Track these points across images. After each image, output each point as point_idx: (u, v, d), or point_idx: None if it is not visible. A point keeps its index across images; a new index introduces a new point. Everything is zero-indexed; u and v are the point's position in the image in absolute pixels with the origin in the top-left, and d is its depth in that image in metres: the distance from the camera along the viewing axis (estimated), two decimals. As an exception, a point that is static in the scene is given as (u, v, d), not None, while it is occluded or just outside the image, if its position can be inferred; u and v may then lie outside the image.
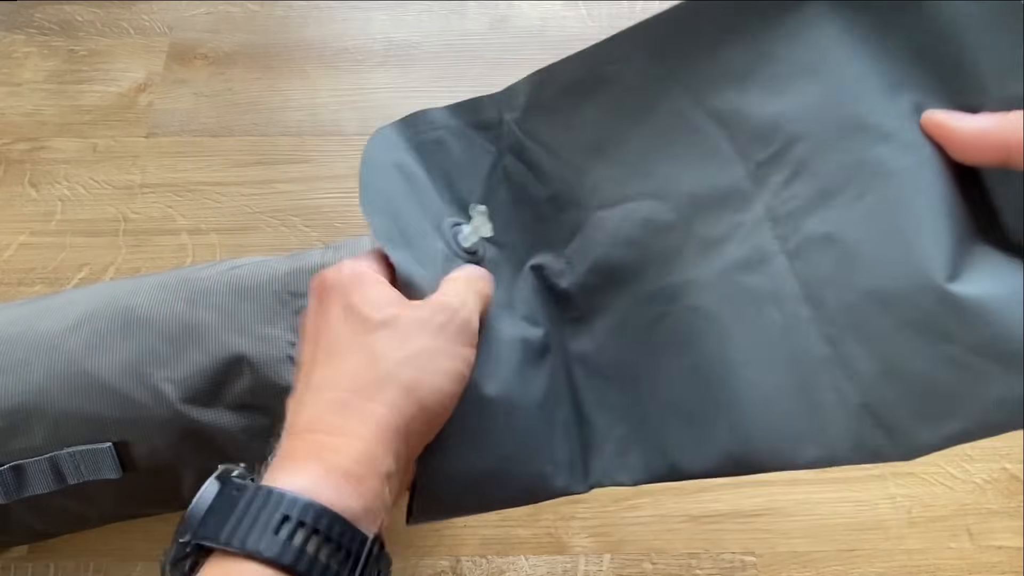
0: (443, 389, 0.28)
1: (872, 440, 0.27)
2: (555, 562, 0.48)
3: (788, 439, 0.29)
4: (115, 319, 0.41)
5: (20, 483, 0.38)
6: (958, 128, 0.27)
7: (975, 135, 0.27)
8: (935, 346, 0.26)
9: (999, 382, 0.25)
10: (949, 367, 0.26)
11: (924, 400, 0.26)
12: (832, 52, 0.29)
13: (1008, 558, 0.48)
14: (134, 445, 0.39)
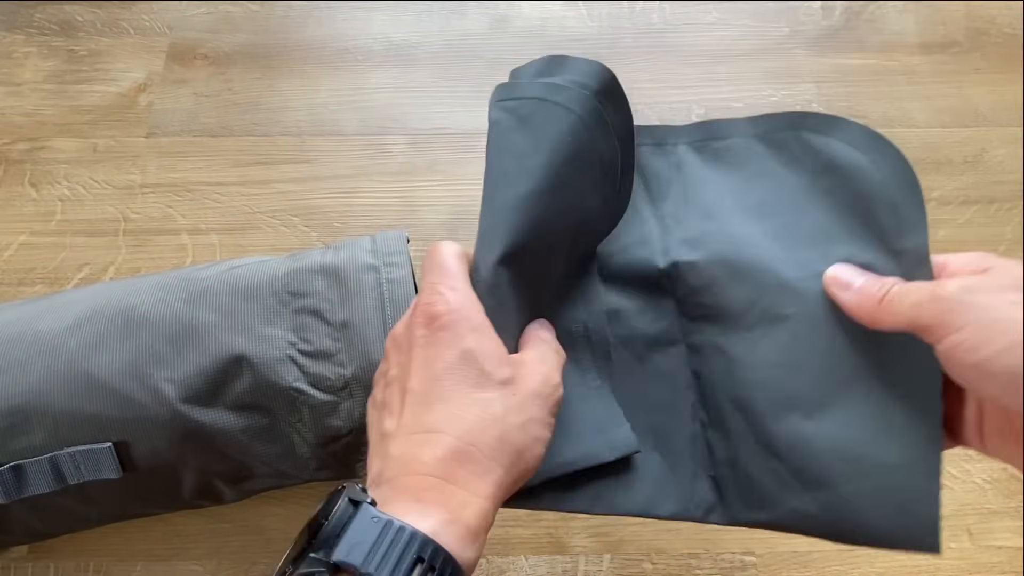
0: (539, 456, 0.31)
1: (708, 503, 0.36)
2: (555, 562, 0.48)
3: (650, 495, 0.36)
4: (115, 319, 0.41)
5: (20, 483, 0.38)
6: (865, 294, 0.31)
7: (890, 305, 0.30)
8: (767, 459, 0.34)
9: (799, 498, 0.33)
10: (772, 476, 0.34)
11: (748, 491, 0.35)
12: (779, 196, 0.36)
13: (1008, 558, 0.48)
14: (134, 445, 0.39)
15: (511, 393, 0.30)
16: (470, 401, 0.29)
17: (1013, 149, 0.61)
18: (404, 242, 0.44)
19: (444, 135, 0.62)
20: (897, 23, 0.67)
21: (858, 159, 0.34)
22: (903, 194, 0.32)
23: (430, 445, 0.28)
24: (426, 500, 0.27)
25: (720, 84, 0.64)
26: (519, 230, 0.33)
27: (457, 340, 0.30)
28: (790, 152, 0.36)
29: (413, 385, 0.30)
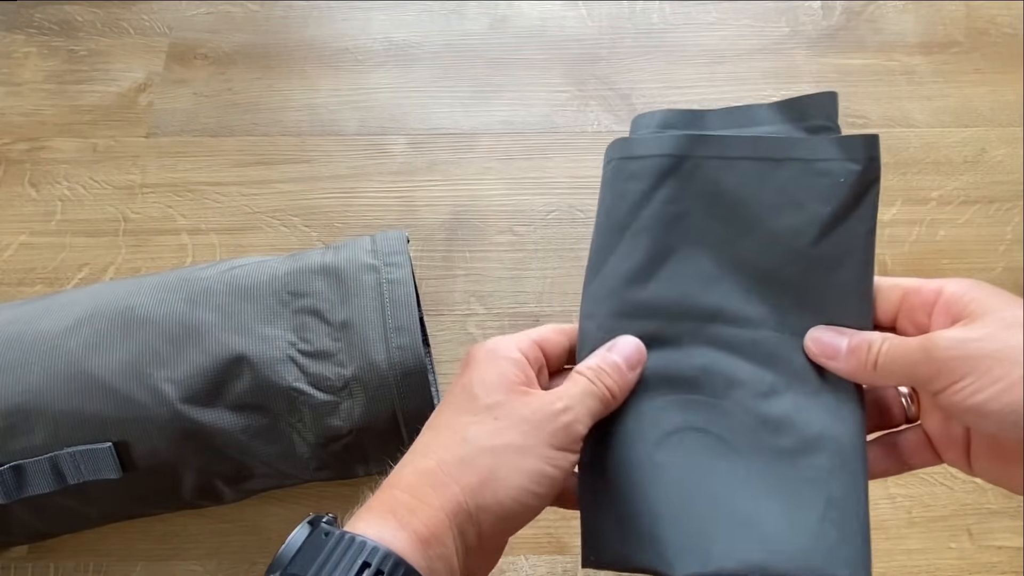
0: (522, 487, 0.29)
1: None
2: (555, 562, 0.48)
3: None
4: (115, 319, 0.41)
5: (20, 483, 0.38)
6: (855, 360, 0.30)
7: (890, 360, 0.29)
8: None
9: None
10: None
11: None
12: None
13: (1008, 558, 0.48)
14: (134, 445, 0.39)
15: (492, 418, 0.30)
16: (447, 423, 0.30)
17: (1013, 149, 0.61)
18: (404, 242, 0.44)
19: (444, 135, 0.62)
20: (897, 23, 0.67)
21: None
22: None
23: (406, 464, 0.30)
24: (382, 511, 0.28)
25: (720, 84, 0.64)
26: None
27: (468, 372, 0.32)
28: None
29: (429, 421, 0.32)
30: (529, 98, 0.64)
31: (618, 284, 0.34)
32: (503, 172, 0.60)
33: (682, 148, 0.34)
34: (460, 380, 0.32)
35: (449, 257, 0.57)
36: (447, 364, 0.53)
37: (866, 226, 0.32)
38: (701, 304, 0.33)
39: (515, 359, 0.32)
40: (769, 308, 0.33)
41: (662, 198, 0.34)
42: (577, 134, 0.62)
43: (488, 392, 0.30)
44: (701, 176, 0.34)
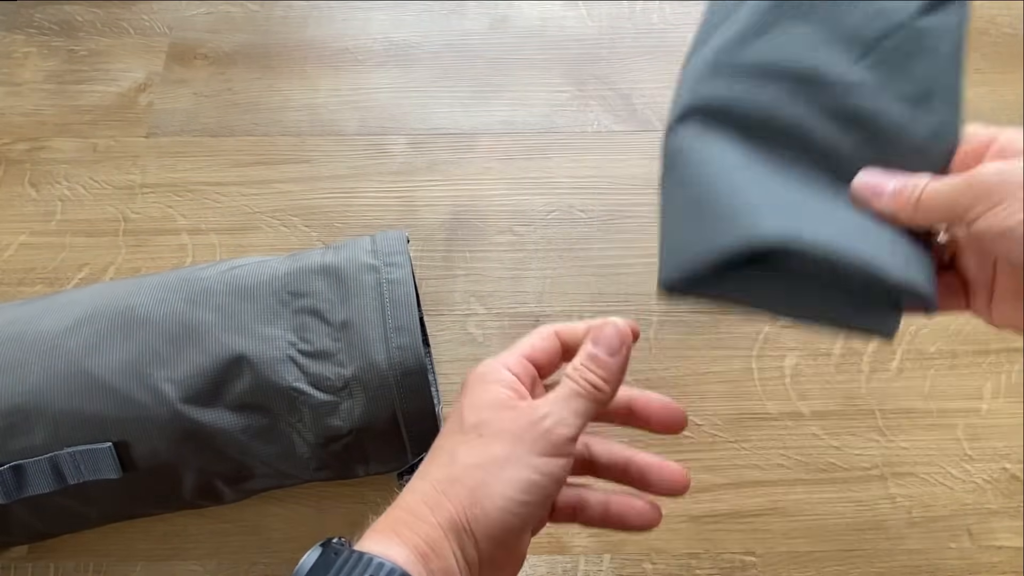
0: (508, 496, 0.29)
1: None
2: (555, 562, 0.48)
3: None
4: (115, 319, 0.41)
5: (20, 483, 0.38)
6: (900, 199, 0.30)
7: (931, 199, 0.29)
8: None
9: None
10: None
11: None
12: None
13: (1008, 558, 0.48)
14: (134, 445, 0.39)
15: (477, 435, 0.31)
16: (440, 446, 0.32)
17: (1013, 149, 0.61)
18: (404, 242, 0.44)
19: (444, 135, 0.62)
20: (897, 23, 0.67)
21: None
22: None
23: (407, 491, 0.31)
24: (386, 531, 0.29)
25: (720, 84, 0.64)
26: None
27: (462, 396, 0.33)
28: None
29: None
30: (529, 98, 0.64)
31: (716, 50, 0.33)
32: (503, 172, 0.60)
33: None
34: (454, 406, 0.33)
35: (449, 257, 0.57)
36: (447, 364, 0.53)
37: (959, 17, 0.33)
38: (800, 64, 0.33)
39: (506, 380, 0.32)
40: (871, 74, 0.33)
41: None
42: (577, 134, 0.62)
43: (474, 412, 0.31)
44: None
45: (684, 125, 0.34)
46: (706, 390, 0.53)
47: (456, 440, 0.31)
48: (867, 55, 0.33)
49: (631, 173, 0.60)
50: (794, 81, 0.33)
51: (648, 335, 0.54)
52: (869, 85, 0.33)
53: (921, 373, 0.53)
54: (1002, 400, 0.52)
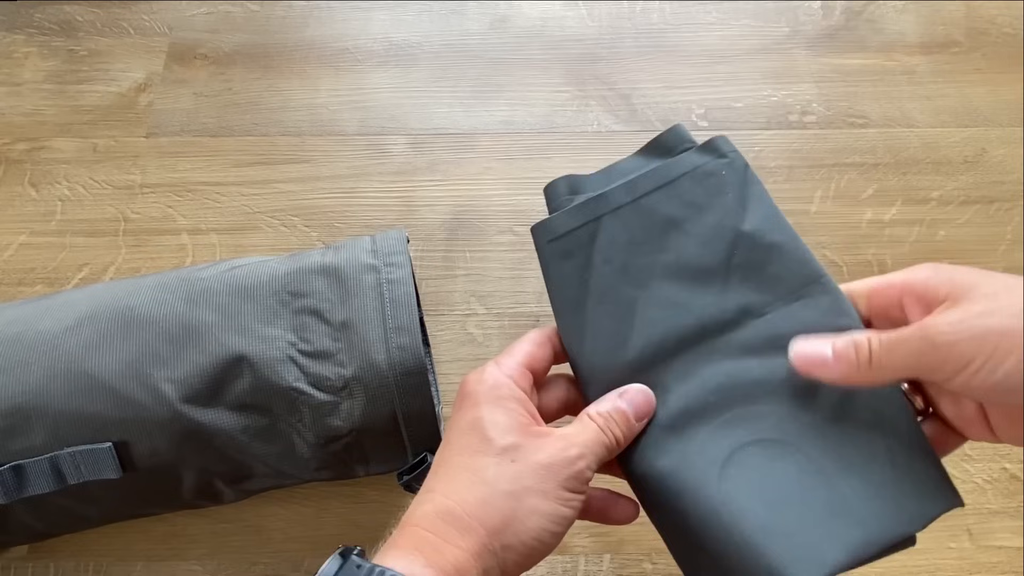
0: (542, 527, 0.30)
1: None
2: (555, 562, 0.48)
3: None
4: (115, 319, 0.41)
5: (20, 483, 0.38)
6: (846, 363, 0.30)
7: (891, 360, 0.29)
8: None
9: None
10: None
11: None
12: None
13: (1008, 558, 0.48)
14: (134, 445, 0.39)
15: (509, 460, 0.31)
16: (465, 465, 0.31)
17: (1013, 149, 0.61)
18: (404, 242, 0.44)
19: (444, 135, 0.62)
20: (897, 23, 0.67)
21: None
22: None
23: (426, 503, 0.31)
24: (409, 548, 0.29)
25: (720, 84, 0.64)
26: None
27: (472, 409, 0.32)
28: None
29: (437, 456, 0.33)
30: (529, 98, 0.64)
31: (604, 360, 0.35)
32: (503, 172, 0.60)
33: (591, 212, 0.36)
34: (465, 416, 0.33)
35: (449, 257, 0.57)
36: (447, 364, 0.53)
37: (769, 202, 0.36)
38: (683, 331, 0.34)
39: (520, 398, 0.33)
40: (743, 298, 0.34)
41: (599, 262, 0.35)
42: (577, 134, 0.62)
43: (503, 435, 0.31)
44: (619, 226, 0.36)
45: None
46: (706, 390, 0.53)
47: (485, 462, 0.31)
48: (729, 281, 0.34)
49: (631, 173, 0.60)
50: (689, 346, 0.34)
51: (648, 335, 0.54)
52: (751, 309, 0.34)
53: (921, 373, 0.53)
54: (1002, 400, 0.52)
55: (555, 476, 0.31)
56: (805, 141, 0.62)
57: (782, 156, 0.61)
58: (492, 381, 0.33)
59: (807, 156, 0.61)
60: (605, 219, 0.36)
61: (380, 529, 0.49)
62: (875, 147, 0.61)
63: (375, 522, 0.49)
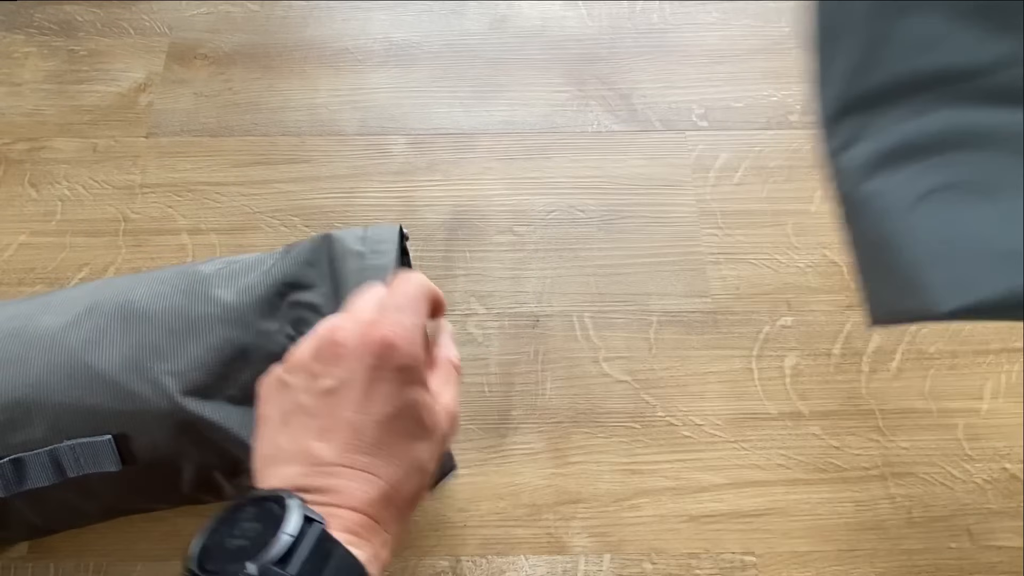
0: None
1: None
2: (555, 562, 0.48)
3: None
4: (115, 313, 0.41)
5: (20, 476, 0.38)
6: None
7: None
8: None
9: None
10: None
11: None
12: None
13: (1008, 558, 0.48)
14: (134, 438, 0.39)
15: (434, 441, 0.32)
16: (405, 451, 0.31)
17: (1013, 149, 0.61)
18: (395, 231, 0.44)
19: (444, 135, 0.62)
20: (897, 23, 0.67)
21: None
22: None
23: (367, 486, 0.30)
24: (358, 534, 0.29)
25: (720, 84, 0.64)
26: None
27: (407, 389, 0.31)
28: None
29: (353, 418, 0.30)
30: (529, 98, 0.64)
31: (842, 85, 0.35)
32: (503, 172, 0.61)
33: None
34: (400, 394, 0.31)
35: (449, 257, 0.57)
36: (447, 364, 0.54)
37: None
38: (928, 69, 0.33)
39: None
40: (1004, 47, 0.32)
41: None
42: (577, 134, 0.62)
43: (431, 415, 0.32)
44: None
45: (870, 175, 0.34)
46: (706, 390, 0.53)
47: (422, 446, 0.32)
48: (991, 22, 0.32)
49: (631, 173, 0.60)
50: (930, 86, 0.33)
51: (648, 335, 0.54)
52: (1008, 57, 0.31)
53: (921, 373, 0.53)
54: (1002, 400, 0.52)
55: (449, 438, 0.34)
56: (805, 141, 0.62)
57: (782, 156, 0.61)
58: (418, 354, 0.32)
59: (807, 156, 0.61)
60: None
61: (380, 529, 0.49)
62: (875, 147, 0.61)
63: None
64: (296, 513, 0.27)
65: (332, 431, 0.30)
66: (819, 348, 0.54)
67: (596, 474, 0.50)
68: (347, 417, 0.30)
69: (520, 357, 0.54)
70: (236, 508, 0.28)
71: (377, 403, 0.30)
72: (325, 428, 0.30)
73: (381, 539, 0.29)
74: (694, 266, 0.57)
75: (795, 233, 0.58)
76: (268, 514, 0.27)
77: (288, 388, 0.32)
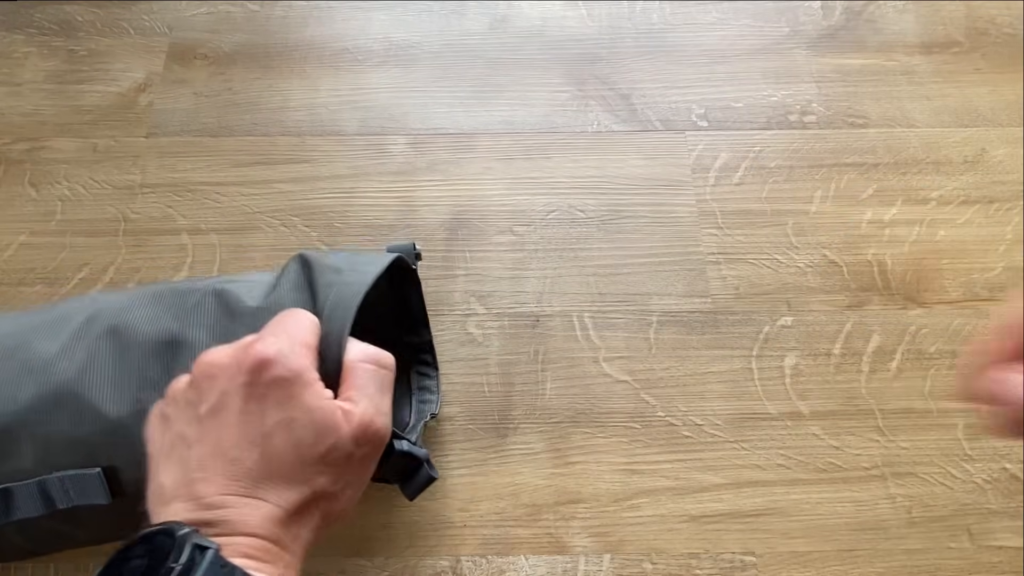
0: (353, 499, 0.34)
1: None
2: (555, 562, 0.48)
3: None
4: (107, 337, 0.39)
5: (8, 506, 0.37)
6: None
7: None
8: None
9: None
10: None
11: None
12: None
13: (1008, 558, 0.48)
14: (123, 470, 0.38)
15: (337, 453, 0.30)
16: (296, 469, 0.29)
17: (1013, 149, 0.61)
18: (387, 255, 0.42)
19: (444, 135, 0.62)
20: (897, 23, 0.67)
21: None
22: None
23: (256, 511, 0.29)
24: (258, 557, 0.28)
25: (720, 84, 0.64)
26: None
27: (287, 403, 0.29)
28: None
29: (232, 442, 0.29)
30: (529, 98, 0.64)
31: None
32: (503, 172, 0.61)
33: None
34: (276, 412, 0.30)
35: (449, 257, 0.57)
36: (447, 364, 0.53)
37: None
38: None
39: (318, 383, 0.32)
40: None
41: None
42: (577, 134, 0.62)
43: (325, 435, 0.31)
44: None
45: None
46: (706, 390, 0.53)
47: (315, 468, 0.31)
48: None
49: (631, 173, 0.60)
50: None
51: (648, 335, 0.54)
52: None
53: (921, 373, 0.53)
54: (1002, 400, 0.52)
55: (372, 456, 0.34)
56: (805, 141, 0.62)
57: (782, 156, 0.61)
58: (296, 366, 0.30)
59: (807, 156, 0.61)
60: None
61: (379, 529, 0.49)
62: (875, 147, 0.61)
63: (374, 522, 0.49)
64: (186, 542, 0.25)
65: (211, 461, 0.29)
66: (819, 348, 0.54)
67: (596, 474, 0.50)
68: (226, 442, 0.29)
69: (520, 357, 0.54)
70: (126, 548, 0.27)
71: (255, 422, 0.29)
72: (204, 458, 0.29)
73: (284, 561, 0.28)
74: (694, 266, 0.57)
75: (795, 233, 0.58)
76: (158, 549, 0.26)
77: (168, 421, 0.31)
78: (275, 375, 0.29)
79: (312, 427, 0.29)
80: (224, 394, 0.30)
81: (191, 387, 0.31)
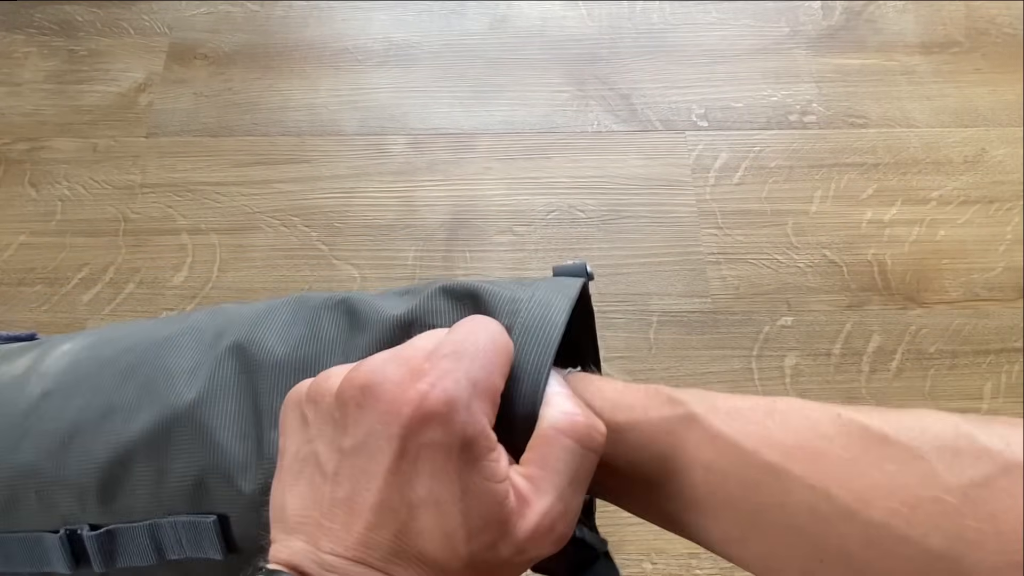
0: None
1: None
2: (555, 562, 0.48)
3: None
4: (235, 362, 0.29)
5: (111, 552, 0.29)
6: None
7: None
8: None
9: None
10: None
11: None
12: None
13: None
14: (236, 523, 0.30)
15: (498, 551, 0.22)
16: (434, 562, 0.22)
17: (1013, 149, 0.61)
18: (559, 277, 0.33)
19: (444, 135, 0.62)
20: (897, 23, 0.67)
21: None
22: None
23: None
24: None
25: (720, 84, 0.64)
26: None
27: (445, 478, 0.21)
28: None
29: (370, 503, 0.19)
30: (529, 98, 0.64)
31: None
32: (503, 172, 0.60)
33: None
34: (429, 470, 0.22)
35: (449, 257, 0.57)
36: (447, 364, 0.53)
37: None
38: None
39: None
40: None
41: None
42: (577, 134, 0.62)
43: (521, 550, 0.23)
44: None
45: None
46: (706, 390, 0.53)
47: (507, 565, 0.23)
48: None
49: (631, 173, 0.60)
50: None
51: (648, 335, 0.54)
52: None
53: (921, 373, 0.53)
54: (1002, 400, 0.52)
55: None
56: (805, 141, 0.62)
57: (782, 156, 0.61)
58: (469, 428, 0.21)
59: (807, 156, 0.61)
60: None
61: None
62: (875, 147, 0.61)
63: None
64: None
65: (344, 514, 0.22)
66: (819, 348, 0.54)
67: (596, 474, 0.50)
68: (364, 500, 0.22)
69: (520, 357, 0.54)
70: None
71: (403, 486, 0.22)
72: (337, 504, 0.20)
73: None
74: (694, 266, 0.57)
75: (795, 233, 0.58)
76: None
77: (306, 425, 0.22)
78: (438, 441, 0.22)
79: (470, 517, 0.22)
80: (372, 436, 0.21)
81: (338, 402, 0.22)
